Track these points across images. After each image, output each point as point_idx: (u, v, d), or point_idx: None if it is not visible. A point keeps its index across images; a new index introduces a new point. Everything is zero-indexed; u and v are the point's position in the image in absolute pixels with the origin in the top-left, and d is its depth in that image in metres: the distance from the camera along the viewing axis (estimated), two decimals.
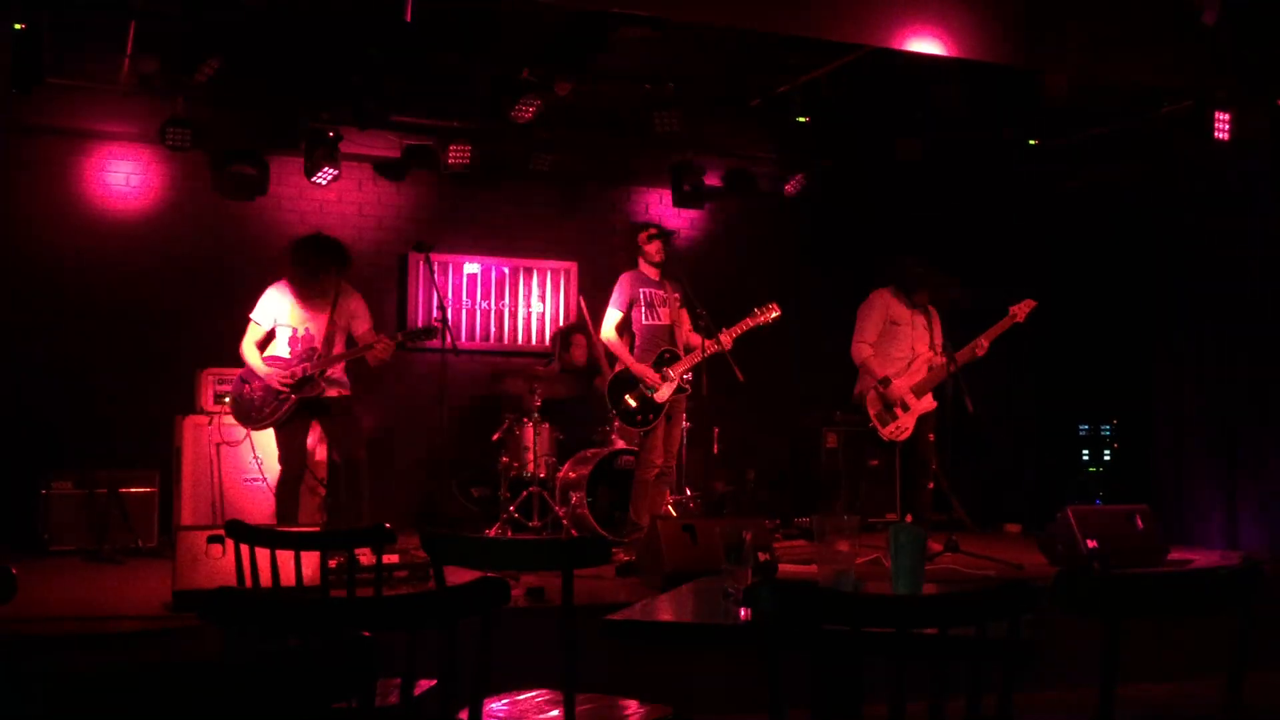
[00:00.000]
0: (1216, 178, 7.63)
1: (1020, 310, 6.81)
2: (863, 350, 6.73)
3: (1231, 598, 2.28)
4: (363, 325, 6.44)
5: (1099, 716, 2.14)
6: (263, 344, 6.33)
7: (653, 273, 6.86)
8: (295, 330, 6.33)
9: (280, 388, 6.20)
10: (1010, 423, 9.03)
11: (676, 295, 6.90)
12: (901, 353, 6.74)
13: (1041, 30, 6.33)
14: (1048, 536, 6.50)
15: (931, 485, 6.89)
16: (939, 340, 6.83)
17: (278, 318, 6.33)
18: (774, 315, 6.87)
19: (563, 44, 6.93)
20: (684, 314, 6.89)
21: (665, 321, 6.81)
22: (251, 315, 6.33)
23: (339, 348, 6.38)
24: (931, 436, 6.84)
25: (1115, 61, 6.40)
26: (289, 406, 6.22)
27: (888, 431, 6.64)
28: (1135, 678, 4.99)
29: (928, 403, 6.76)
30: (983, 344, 6.74)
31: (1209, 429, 7.71)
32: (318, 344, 6.30)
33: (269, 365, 6.25)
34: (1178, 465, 7.90)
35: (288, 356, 6.28)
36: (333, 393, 6.32)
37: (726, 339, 6.62)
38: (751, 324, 6.83)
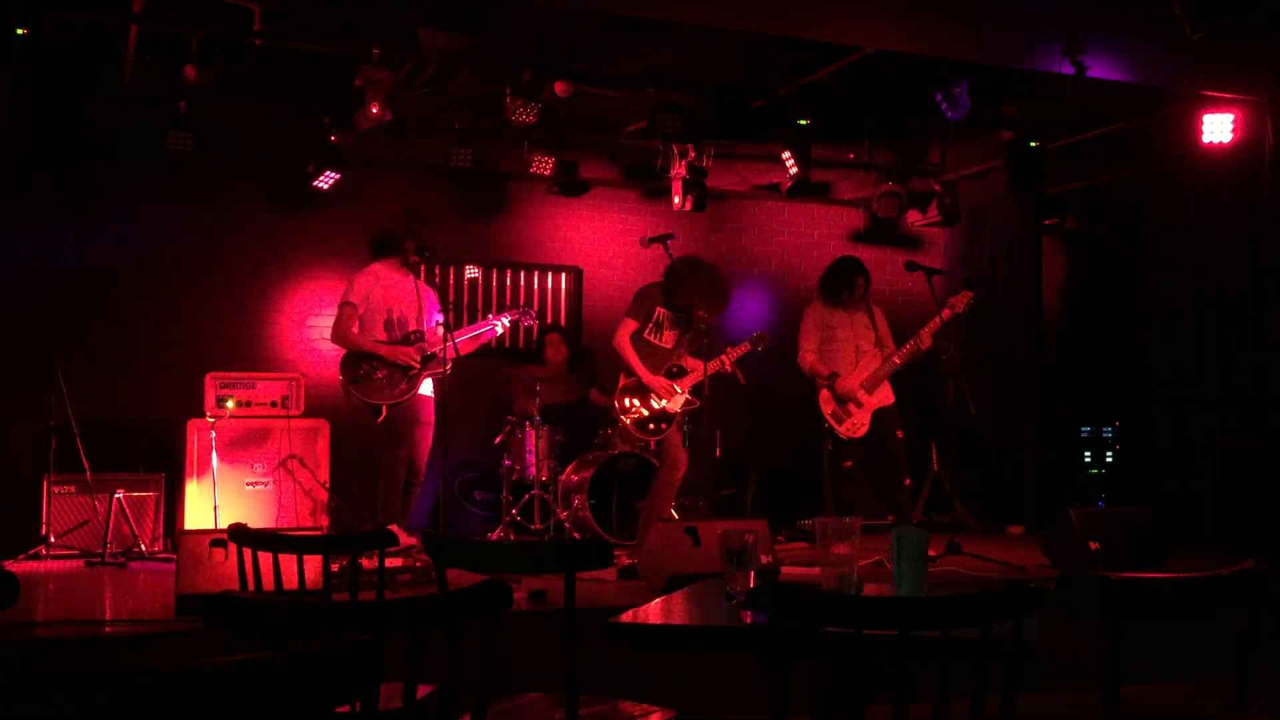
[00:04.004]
0: (1212, 179, 7.62)
1: (958, 302, 6.85)
2: (805, 357, 6.96)
3: (1235, 600, 2.28)
4: (437, 307, 6.50)
5: (1102, 717, 2.14)
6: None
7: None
8: (390, 313, 6.39)
9: (410, 363, 6.28)
10: (1012, 425, 9.02)
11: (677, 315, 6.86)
12: (844, 354, 6.90)
13: (1042, 29, 6.33)
14: (1050, 538, 6.50)
15: (908, 481, 6.94)
16: (885, 335, 6.95)
17: (371, 301, 6.38)
18: (764, 344, 6.92)
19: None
20: (678, 335, 6.87)
21: (667, 346, 6.79)
22: (349, 299, 6.39)
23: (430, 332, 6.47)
24: (900, 434, 6.86)
25: (1110, 64, 6.41)
26: (418, 381, 6.31)
27: (844, 429, 6.74)
28: (1138, 678, 4.98)
29: (882, 398, 6.83)
30: (924, 338, 6.80)
31: (1210, 430, 7.69)
32: (414, 326, 6.38)
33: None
34: (1180, 467, 7.88)
35: (385, 339, 6.35)
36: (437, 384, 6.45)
37: (728, 360, 6.67)
38: (749, 350, 6.83)
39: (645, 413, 6.64)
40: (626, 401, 6.64)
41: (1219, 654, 2.44)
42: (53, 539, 6.86)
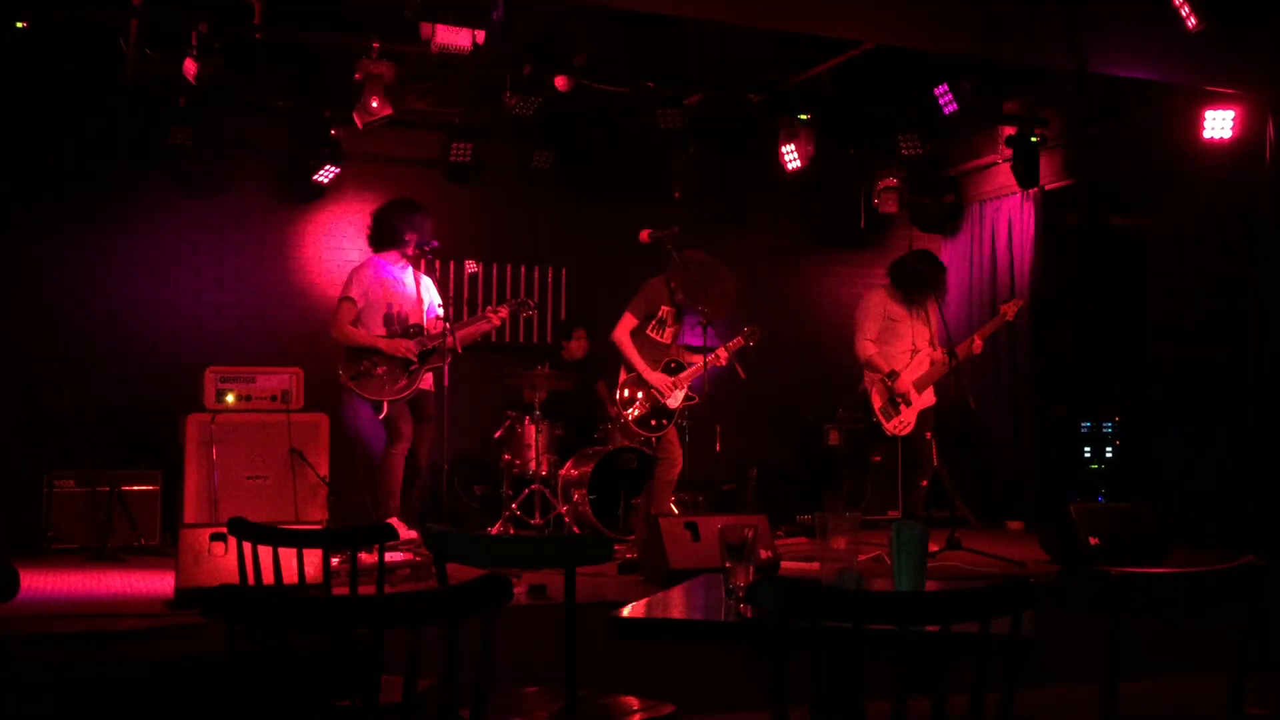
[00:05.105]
0: (1213, 174, 7.62)
1: (1009, 309, 7.10)
2: (867, 347, 6.83)
3: (1235, 595, 2.28)
4: (437, 300, 6.49)
5: (1102, 713, 2.14)
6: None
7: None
8: (390, 307, 6.37)
9: (409, 358, 6.26)
10: (1012, 420, 9.02)
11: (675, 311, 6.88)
12: (902, 348, 6.84)
13: (1040, 25, 6.34)
14: (1050, 533, 6.50)
15: (925, 483, 6.95)
16: (940, 336, 6.91)
17: (370, 296, 6.36)
18: (755, 338, 6.96)
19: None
20: (677, 330, 6.87)
21: (667, 342, 6.78)
22: (348, 294, 6.38)
23: (429, 323, 6.45)
24: (929, 435, 6.88)
25: (1112, 59, 6.42)
26: (419, 376, 6.28)
27: (891, 426, 6.71)
28: (1138, 675, 4.98)
29: (928, 398, 6.85)
30: (977, 342, 6.93)
31: (1211, 426, 7.69)
32: (414, 320, 6.35)
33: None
34: (1180, 463, 7.88)
35: (384, 334, 6.33)
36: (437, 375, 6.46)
37: (723, 355, 6.67)
38: (742, 344, 6.87)
39: (646, 409, 6.65)
40: (627, 396, 6.64)
41: (1218, 650, 2.44)
42: (52, 533, 6.86)
